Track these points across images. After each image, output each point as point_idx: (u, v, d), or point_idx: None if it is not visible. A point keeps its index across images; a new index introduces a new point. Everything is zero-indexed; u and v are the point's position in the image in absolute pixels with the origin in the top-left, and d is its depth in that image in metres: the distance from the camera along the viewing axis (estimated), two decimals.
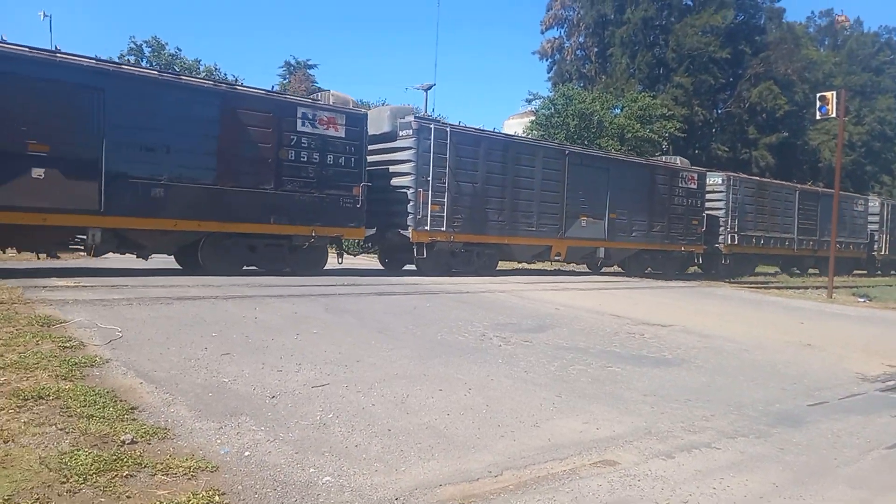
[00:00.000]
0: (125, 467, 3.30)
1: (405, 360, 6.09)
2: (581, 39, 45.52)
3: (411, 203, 14.22)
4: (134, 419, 4.01)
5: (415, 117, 14.82)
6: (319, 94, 14.32)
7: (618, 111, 34.51)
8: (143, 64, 32.59)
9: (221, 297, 8.65)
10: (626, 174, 18.73)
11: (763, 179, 26.82)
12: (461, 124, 15.59)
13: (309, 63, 45.39)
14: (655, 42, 42.89)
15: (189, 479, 3.28)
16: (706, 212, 21.60)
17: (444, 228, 14.53)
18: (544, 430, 4.46)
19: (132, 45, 35.79)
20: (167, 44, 36.23)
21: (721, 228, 22.38)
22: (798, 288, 19.67)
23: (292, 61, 45.34)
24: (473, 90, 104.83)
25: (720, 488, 3.67)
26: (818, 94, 18.11)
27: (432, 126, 14.60)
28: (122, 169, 10.54)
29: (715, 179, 22.69)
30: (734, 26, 42.13)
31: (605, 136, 30.77)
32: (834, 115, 17.33)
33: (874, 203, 31.60)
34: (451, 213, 14.65)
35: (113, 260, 13.66)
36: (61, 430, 3.72)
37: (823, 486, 3.81)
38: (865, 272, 31.02)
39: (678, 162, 21.64)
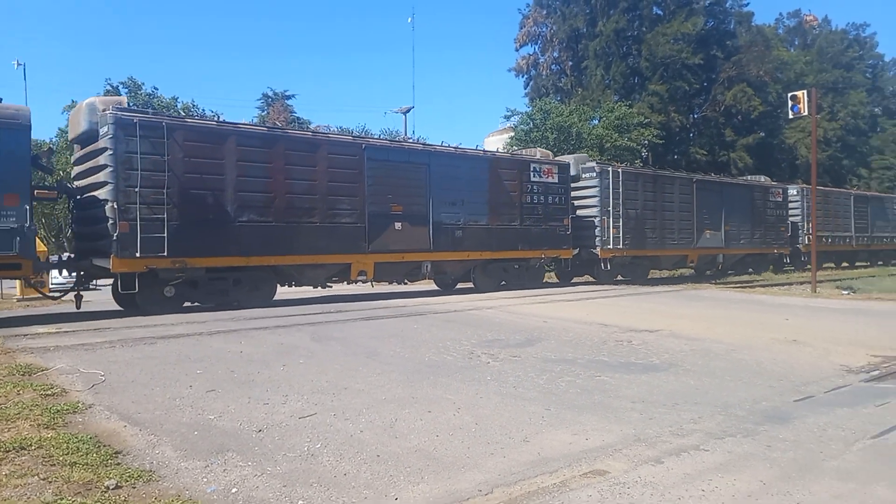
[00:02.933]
0: None
1: (393, 384, 6.09)
2: (555, 54, 46.13)
3: (598, 228, 18.57)
4: (118, 464, 3.98)
5: (596, 163, 19.67)
6: (526, 150, 18.65)
7: (595, 122, 34.91)
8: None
9: (206, 332, 8.62)
10: (734, 194, 23.57)
11: (826, 188, 32.24)
12: (628, 165, 22.10)
13: (286, 94, 45.76)
14: (629, 52, 43.54)
15: None
16: (790, 219, 27.23)
17: (620, 246, 18.87)
18: (534, 444, 4.47)
19: (109, 87, 35.87)
20: (143, 84, 36.40)
21: (800, 231, 27.79)
22: (783, 284, 19.83)
23: (270, 93, 45.60)
24: (452, 109, 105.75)
25: (709, 490, 3.69)
26: (789, 94, 18.43)
27: (609, 169, 19.06)
28: (440, 219, 14.96)
29: (792, 191, 28.02)
30: (705, 32, 42.89)
31: (585, 148, 31.11)
32: (806, 113, 17.63)
33: None
34: (624, 234, 18.98)
35: (94, 304, 13.58)
36: (44, 479, 3.69)
37: (810, 481, 3.84)
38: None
39: (762, 180, 26.70)
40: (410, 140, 18.73)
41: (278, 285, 12.97)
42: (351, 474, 3.91)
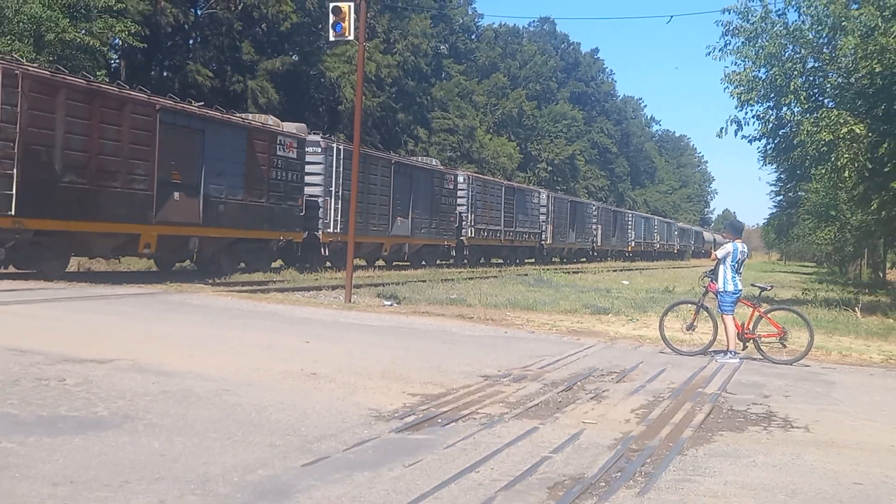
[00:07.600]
0: None
1: None
2: None
3: (321, 209, 29.47)
4: None
5: (321, 137, 27.70)
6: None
7: None
8: None
9: None
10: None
11: (484, 177, 48.29)
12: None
13: None
14: None
15: None
16: (458, 208, 39.95)
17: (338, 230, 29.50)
18: None
19: None
20: None
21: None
22: (309, 289, 22.07)
23: None
24: None
25: None
26: (332, 5, 20.48)
27: (335, 146, 26.07)
28: None
29: (460, 179, 41.21)
30: None
31: (10, 35, 29.36)
32: (352, 36, 19.89)
33: (543, 195, 57.13)
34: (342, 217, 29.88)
35: None
36: None
37: None
38: (534, 260, 56.32)
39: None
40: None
41: None
42: None
